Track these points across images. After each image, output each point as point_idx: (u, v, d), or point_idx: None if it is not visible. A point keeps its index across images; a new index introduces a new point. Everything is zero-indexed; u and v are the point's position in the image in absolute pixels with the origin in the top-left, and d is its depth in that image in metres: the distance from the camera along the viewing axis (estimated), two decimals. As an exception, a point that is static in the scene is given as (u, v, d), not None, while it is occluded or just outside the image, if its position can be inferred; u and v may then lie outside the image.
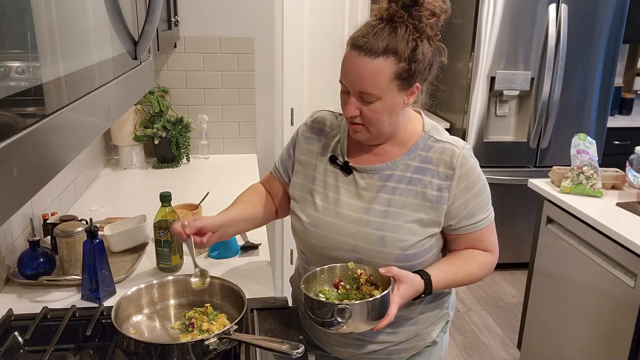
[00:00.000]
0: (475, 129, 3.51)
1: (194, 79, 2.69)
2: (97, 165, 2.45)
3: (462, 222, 1.22)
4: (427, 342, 1.34)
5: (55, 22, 0.62)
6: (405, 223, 1.19)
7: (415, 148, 1.23)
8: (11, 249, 1.50)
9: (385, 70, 1.10)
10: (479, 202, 1.21)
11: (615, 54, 3.48)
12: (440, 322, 1.36)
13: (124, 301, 1.19)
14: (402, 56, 1.10)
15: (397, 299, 1.11)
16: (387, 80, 1.11)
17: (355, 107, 1.16)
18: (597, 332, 2.02)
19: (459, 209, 1.20)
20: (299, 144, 1.36)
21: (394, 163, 1.23)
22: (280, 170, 1.40)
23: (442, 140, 1.23)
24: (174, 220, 1.49)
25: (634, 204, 2.08)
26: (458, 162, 1.19)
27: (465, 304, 3.35)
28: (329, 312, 1.09)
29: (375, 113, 1.15)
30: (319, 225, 1.25)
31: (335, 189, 1.26)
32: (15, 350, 1.17)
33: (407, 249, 1.19)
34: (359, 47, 1.11)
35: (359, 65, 1.11)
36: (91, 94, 0.74)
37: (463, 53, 3.54)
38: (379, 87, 1.12)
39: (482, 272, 1.27)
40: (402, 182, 1.21)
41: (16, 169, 0.51)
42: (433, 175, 1.20)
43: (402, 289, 1.12)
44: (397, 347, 1.31)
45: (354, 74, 1.13)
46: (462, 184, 1.19)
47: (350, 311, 1.07)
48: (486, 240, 1.26)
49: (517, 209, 3.61)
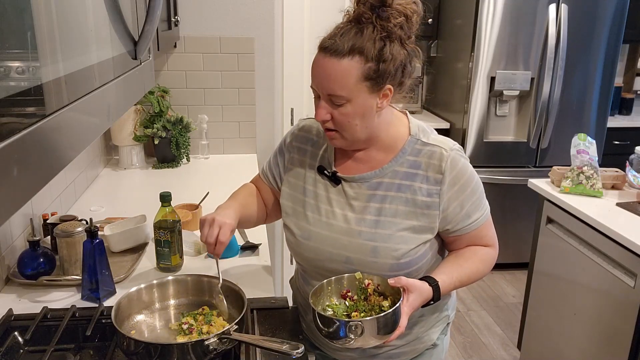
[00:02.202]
0: (475, 129, 3.51)
1: (194, 79, 2.69)
2: (97, 165, 2.45)
3: (460, 224, 1.21)
4: (427, 344, 1.33)
5: (55, 22, 0.62)
6: (397, 232, 1.18)
7: (403, 153, 1.20)
8: (11, 249, 1.50)
9: (351, 71, 1.08)
10: (474, 202, 1.21)
11: (615, 54, 3.48)
12: (441, 324, 1.35)
13: (124, 301, 1.19)
14: (368, 56, 1.08)
15: (407, 310, 1.10)
16: (355, 81, 1.09)
17: (326, 111, 1.14)
18: (597, 332, 2.02)
19: (454, 212, 1.19)
20: (287, 153, 1.35)
21: (382, 170, 1.21)
22: (269, 175, 1.39)
23: (430, 143, 1.20)
24: (174, 220, 1.49)
25: (634, 204, 2.08)
26: (447, 166, 1.17)
27: (465, 304, 3.35)
28: (339, 328, 1.06)
29: (346, 117, 1.13)
30: (311, 238, 1.24)
31: (327, 200, 1.25)
32: (15, 350, 1.17)
33: (401, 258, 1.17)
34: (325, 49, 1.10)
35: (326, 66, 1.10)
36: (91, 94, 0.74)
37: (463, 53, 3.54)
38: (347, 88, 1.10)
39: (486, 268, 1.27)
40: (391, 189, 1.20)
41: (16, 169, 0.51)
42: (422, 181, 1.18)
43: (412, 299, 1.11)
44: (397, 350, 1.30)
45: (321, 76, 1.12)
46: (454, 187, 1.18)
47: (362, 327, 1.05)
48: (486, 236, 1.26)
49: (517, 209, 3.61)
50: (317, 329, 1.11)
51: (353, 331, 1.05)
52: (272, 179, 1.38)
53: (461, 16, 3.57)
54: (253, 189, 1.44)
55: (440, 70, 4.00)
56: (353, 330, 1.05)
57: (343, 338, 1.07)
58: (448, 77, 3.85)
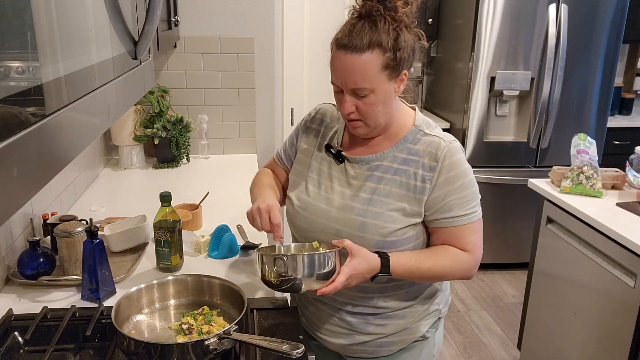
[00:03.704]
0: (475, 129, 3.51)
1: (194, 79, 2.69)
2: (97, 165, 2.45)
3: (438, 214, 1.23)
4: (416, 336, 1.36)
5: (55, 22, 0.62)
6: (388, 211, 1.23)
7: (404, 141, 1.27)
8: (11, 249, 1.50)
9: (373, 63, 1.15)
10: (459, 198, 1.22)
11: (615, 54, 3.48)
12: (430, 317, 1.37)
13: (124, 301, 1.19)
14: (386, 47, 1.15)
15: (347, 269, 1.14)
16: (377, 72, 1.16)
17: (351, 104, 1.21)
18: (597, 332, 2.02)
19: (436, 200, 1.22)
20: (302, 133, 1.43)
21: (383, 154, 1.27)
22: (284, 158, 1.46)
23: (431, 134, 1.26)
24: (174, 220, 1.50)
25: (634, 204, 2.08)
26: (442, 154, 1.21)
27: (465, 304, 3.35)
28: (273, 264, 1.13)
29: (370, 106, 1.20)
30: (307, 209, 1.31)
31: (328, 176, 1.32)
32: (15, 350, 1.17)
33: (387, 236, 1.22)
34: (344, 46, 1.16)
35: (347, 63, 1.16)
36: (91, 94, 0.74)
37: (463, 53, 3.54)
38: (370, 80, 1.16)
39: (454, 268, 1.25)
40: (388, 172, 1.26)
41: (16, 169, 0.51)
42: (418, 167, 1.23)
43: (355, 262, 1.15)
44: (385, 339, 1.33)
45: (344, 72, 1.18)
46: (444, 176, 1.21)
47: (292, 263, 1.11)
48: (464, 238, 1.24)
49: (517, 209, 3.61)
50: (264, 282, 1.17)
51: (285, 266, 1.11)
52: (287, 160, 1.45)
53: (461, 16, 3.57)
54: (270, 173, 1.50)
55: (440, 70, 4.00)
56: (285, 264, 1.11)
57: (288, 278, 1.12)
58: (448, 77, 3.85)
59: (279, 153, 1.48)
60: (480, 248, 1.27)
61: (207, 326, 1.17)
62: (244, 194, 2.25)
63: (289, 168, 1.44)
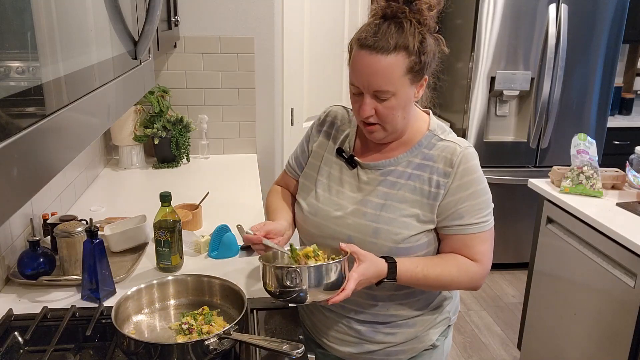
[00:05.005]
0: (475, 129, 3.51)
1: (194, 79, 2.69)
2: (97, 165, 2.45)
3: (448, 221, 1.20)
4: (425, 345, 1.33)
5: (55, 22, 0.62)
6: (401, 217, 1.20)
7: (419, 146, 1.24)
8: (11, 249, 1.50)
9: (398, 65, 1.12)
10: (471, 205, 1.19)
11: (615, 54, 3.48)
12: (441, 325, 1.35)
13: (124, 301, 1.19)
14: (411, 50, 1.13)
15: (355, 275, 1.11)
16: (400, 75, 1.13)
17: (371, 107, 1.17)
18: (597, 332, 2.02)
19: (447, 207, 1.19)
20: (312, 137, 1.39)
21: (397, 160, 1.25)
22: (295, 166, 1.42)
23: (447, 139, 1.23)
24: (174, 220, 1.50)
25: (634, 204, 2.08)
26: (458, 160, 1.19)
27: (465, 304, 3.35)
28: (282, 276, 1.09)
29: (390, 110, 1.17)
30: (317, 214, 1.28)
31: (339, 181, 1.29)
32: (15, 350, 1.17)
33: (400, 242, 1.19)
34: (369, 47, 1.12)
35: (372, 63, 1.13)
36: (91, 94, 0.74)
37: (463, 53, 3.54)
38: (393, 83, 1.13)
39: (462, 278, 1.21)
40: (402, 177, 1.23)
41: (16, 169, 0.51)
42: (432, 172, 1.20)
43: (363, 267, 1.12)
44: (395, 348, 1.31)
45: (367, 73, 1.14)
46: (458, 182, 1.19)
47: (300, 275, 1.07)
48: (473, 247, 1.21)
49: (517, 209, 3.61)
50: (267, 291, 1.14)
51: (292, 278, 1.08)
52: (299, 168, 1.41)
53: (461, 16, 3.57)
54: (279, 191, 1.47)
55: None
56: (292, 277, 1.08)
57: (291, 290, 1.09)
58: (448, 77, 3.84)
59: (289, 163, 1.44)
60: (490, 259, 1.24)
61: (207, 326, 1.17)
62: (244, 194, 2.25)
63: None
